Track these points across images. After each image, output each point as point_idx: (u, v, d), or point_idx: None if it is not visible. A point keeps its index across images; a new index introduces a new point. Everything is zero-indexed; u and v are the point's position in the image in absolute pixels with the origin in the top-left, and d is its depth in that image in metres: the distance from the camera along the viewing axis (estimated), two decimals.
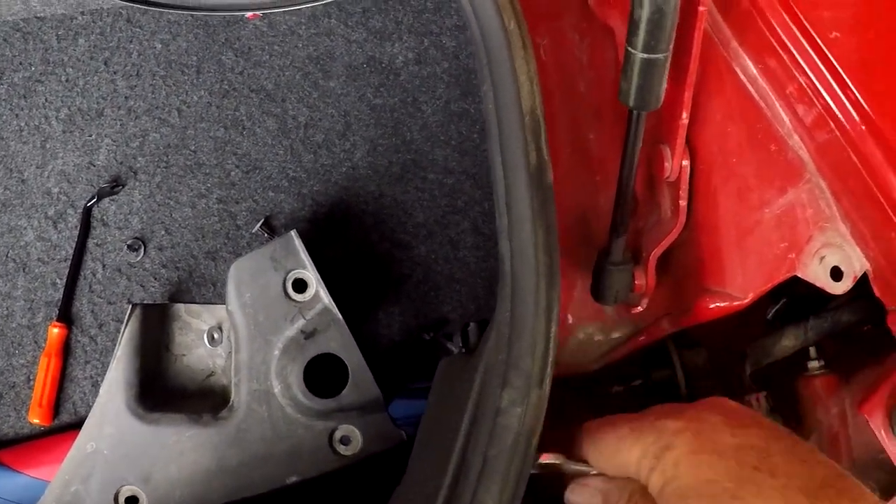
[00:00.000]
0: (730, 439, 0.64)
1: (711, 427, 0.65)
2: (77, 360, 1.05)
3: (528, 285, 0.67)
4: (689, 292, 0.77)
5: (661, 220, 0.76)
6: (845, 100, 0.73)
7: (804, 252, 0.75)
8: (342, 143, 1.08)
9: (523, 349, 0.67)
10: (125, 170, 1.07)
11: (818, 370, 0.83)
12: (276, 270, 0.96)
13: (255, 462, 0.98)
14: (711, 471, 0.62)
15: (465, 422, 0.71)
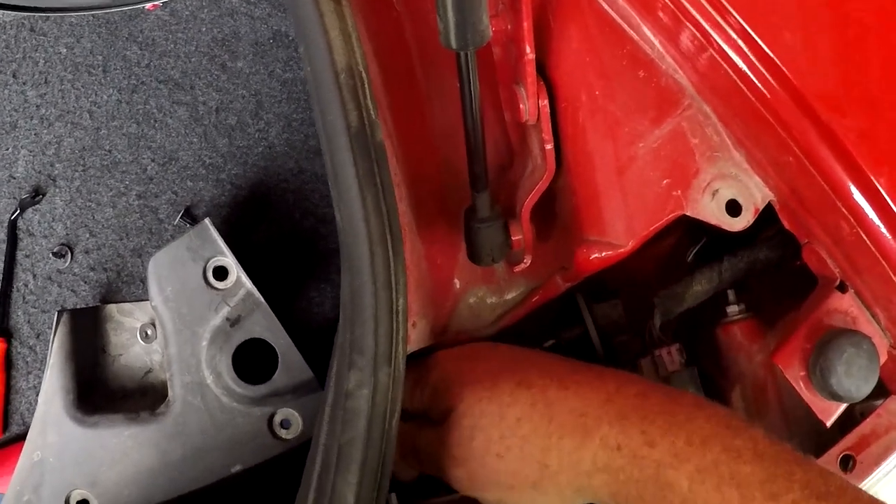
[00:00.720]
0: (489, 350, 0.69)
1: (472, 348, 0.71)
2: (20, 372, 1.04)
3: (362, 256, 0.60)
4: (570, 245, 0.68)
5: (534, 168, 0.68)
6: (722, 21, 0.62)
7: (692, 187, 0.66)
8: (256, 122, 1.02)
9: (365, 327, 0.61)
10: (44, 178, 1.03)
11: (738, 315, 0.73)
12: (194, 261, 0.93)
13: (197, 454, 0.94)
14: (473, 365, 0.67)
15: (328, 409, 0.64)
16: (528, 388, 0.61)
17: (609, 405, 0.58)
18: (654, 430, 0.56)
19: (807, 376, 0.66)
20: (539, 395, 0.60)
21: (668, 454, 0.55)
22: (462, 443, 0.62)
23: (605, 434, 0.57)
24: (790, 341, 0.66)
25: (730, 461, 0.54)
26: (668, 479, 0.54)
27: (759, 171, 0.66)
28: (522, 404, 0.60)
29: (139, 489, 0.94)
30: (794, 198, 0.66)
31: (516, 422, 0.60)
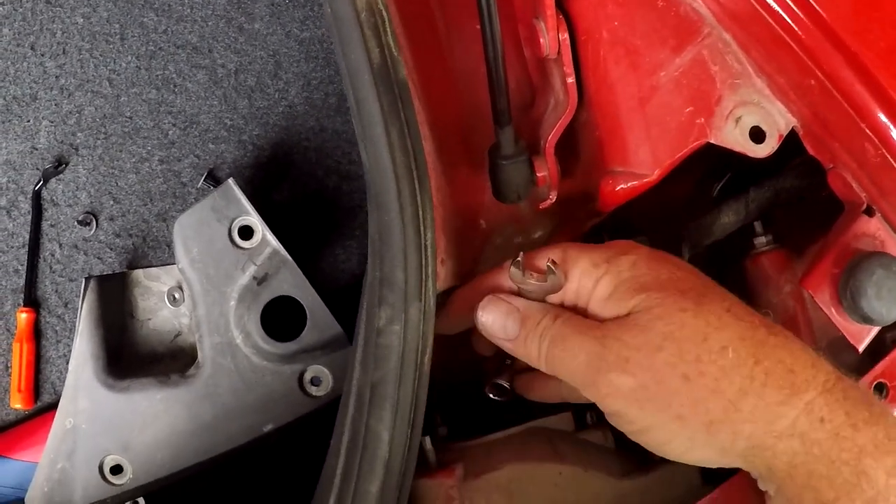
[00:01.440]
0: (683, 263, 0.62)
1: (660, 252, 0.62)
2: (49, 341, 1.06)
3: (389, 190, 0.61)
4: (595, 179, 0.69)
5: (556, 104, 0.69)
6: None
7: (715, 115, 0.67)
8: (275, 83, 1.04)
9: (394, 262, 0.62)
10: (67, 148, 1.05)
11: (766, 246, 0.74)
12: (219, 221, 0.94)
13: (228, 415, 0.96)
14: (673, 273, 0.59)
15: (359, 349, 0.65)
16: (738, 319, 0.56)
17: (815, 371, 0.55)
18: (857, 414, 0.53)
19: (837, 301, 0.67)
20: (749, 331, 0.56)
21: (870, 443, 0.53)
22: (644, 347, 0.56)
23: (811, 400, 0.54)
24: (818, 266, 0.67)
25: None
26: (866, 468, 0.52)
27: (782, 97, 0.67)
28: (731, 333, 0.55)
29: (172, 452, 0.96)
30: (817, 122, 0.67)
31: (720, 349, 0.55)
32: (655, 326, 0.56)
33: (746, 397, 0.54)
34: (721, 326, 0.55)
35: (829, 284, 0.67)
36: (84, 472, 0.97)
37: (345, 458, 0.64)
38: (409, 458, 0.63)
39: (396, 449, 0.61)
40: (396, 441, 0.61)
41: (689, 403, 0.54)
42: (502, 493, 0.72)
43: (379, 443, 0.61)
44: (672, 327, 0.55)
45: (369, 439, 0.62)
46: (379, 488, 0.61)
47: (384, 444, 0.61)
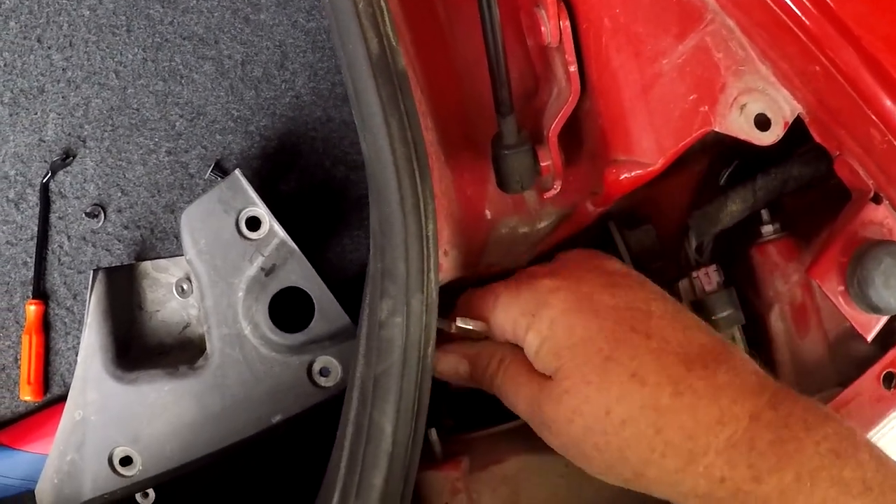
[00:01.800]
0: (608, 299, 0.63)
1: (590, 286, 0.64)
2: (58, 333, 1.07)
3: (389, 183, 0.62)
4: (599, 169, 0.69)
5: (559, 93, 0.69)
6: None
7: (719, 102, 0.67)
8: (282, 73, 1.04)
9: (395, 254, 0.63)
10: (74, 140, 1.06)
11: (773, 234, 0.74)
12: (226, 213, 0.94)
13: (237, 406, 0.97)
14: (586, 331, 0.61)
15: (362, 342, 0.66)
16: (641, 385, 0.58)
17: (719, 429, 0.57)
18: (762, 464, 0.56)
19: (845, 290, 0.67)
20: (650, 398, 0.58)
21: (774, 491, 0.55)
22: (560, 421, 0.61)
23: (710, 463, 0.56)
24: (825, 255, 0.67)
25: (838, 496, 0.54)
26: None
27: (787, 83, 0.67)
28: (631, 404, 0.58)
29: (181, 443, 0.97)
30: (822, 109, 0.67)
31: (621, 423, 0.58)
32: (564, 401, 0.61)
33: (649, 467, 0.58)
34: (622, 397, 0.58)
35: (836, 273, 0.67)
36: (93, 463, 0.98)
37: (349, 451, 0.65)
38: (413, 451, 0.64)
39: (400, 441, 0.62)
40: (400, 434, 0.62)
41: (605, 467, 0.61)
42: (508, 485, 0.73)
43: (383, 436, 0.62)
44: (578, 401, 0.60)
45: (373, 432, 0.63)
46: (383, 481, 0.62)
47: (388, 436, 0.62)
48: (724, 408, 0.57)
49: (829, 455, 0.55)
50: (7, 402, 1.07)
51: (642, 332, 0.60)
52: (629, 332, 0.60)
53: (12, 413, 1.08)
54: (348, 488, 0.64)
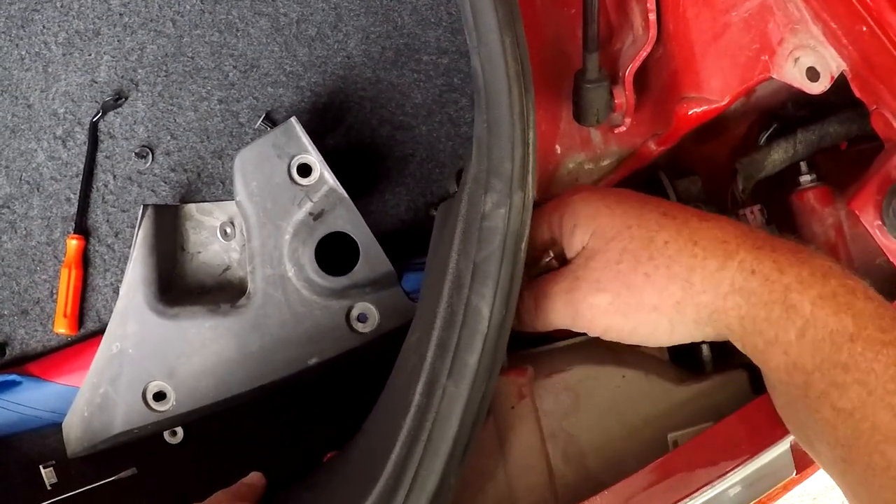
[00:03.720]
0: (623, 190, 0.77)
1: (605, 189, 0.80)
2: (97, 270, 1.15)
3: (501, 90, 0.73)
4: (668, 107, 0.83)
5: (635, 39, 0.83)
6: None
7: (777, 54, 0.82)
8: (335, 34, 1.16)
9: (503, 153, 0.73)
10: (127, 83, 1.16)
11: (811, 183, 0.88)
12: (279, 158, 1.04)
13: (275, 346, 1.05)
14: (618, 196, 0.75)
15: (456, 240, 0.75)
16: (673, 218, 0.71)
17: (746, 237, 0.69)
18: (783, 260, 0.67)
19: (881, 224, 0.82)
20: (683, 224, 0.71)
21: (795, 280, 0.66)
22: (608, 266, 0.72)
23: (743, 258, 0.68)
24: (863, 190, 0.82)
25: (846, 293, 0.65)
26: (793, 301, 0.65)
27: (834, 42, 0.82)
28: (669, 230, 0.70)
29: (216, 380, 1.05)
30: (865, 66, 0.82)
31: (664, 244, 0.70)
32: (610, 246, 0.72)
33: (694, 272, 0.69)
34: (660, 228, 0.71)
35: (872, 207, 0.82)
36: (127, 397, 1.06)
37: (437, 339, 0.72)
38: (503, 335, 0.73)
39: (495, 324, 0.70)
40: (495, 316, 0.70)
41: (656, 294, 0.70)
42: (570, 393, 0.84)
43: (480, 318, 0.70)
44: (623, 242, 0.71)
45: (469, 314, 0.70)
46: (477, 361, 0.70)
47: (485, 319, 0.70)
48: (745, 228, 0.71)
49: (837, 267, 0.68)
50: (39, 335, 1.15)
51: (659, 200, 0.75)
52: (649, 199, 0.75)
53: (44, 346, 1.15)
54: (437, 371, 0.71)
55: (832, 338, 0.64)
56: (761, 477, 0.82)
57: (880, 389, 0.61)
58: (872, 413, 0.61)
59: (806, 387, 0.65)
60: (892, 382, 0.61)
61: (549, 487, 0.82)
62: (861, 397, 0.62)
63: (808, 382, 0.65)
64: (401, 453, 0.73)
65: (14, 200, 1.16)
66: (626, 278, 0.71)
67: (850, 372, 0.63)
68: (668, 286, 0.70)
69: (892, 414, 0.61)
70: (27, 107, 1.17)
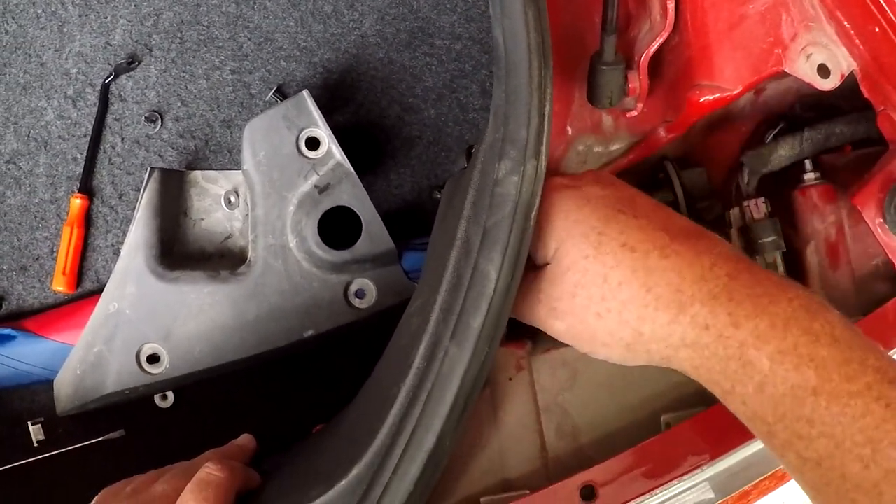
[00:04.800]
0: (598, 191, 0.75)
1: (580, 183, 0.76)
2: (98, 230, 1.16)
3: (521, 61, 0.75)
4: (681, 94, 0.85)
5: (652, 26, 0.85)
6: None
7: (790, 49, 0.84)
8: (351, 13, 1.18)
9: (519, 121, 0.74)
10: (141, 47, 1.17)
11: (814, 180, 0.90)
12: (288, 129, 1.06)
13: (272, 316, 1.07)
14: (580, 213, 0.73)
15: (467, 205, 0.77)
16: (631, 251, 0.69)
17: (702, 283, 0.67)
18: (739, 312, 0.65)
19: (882, 221, 0.84)
20: (640, 261, 0.69)
21: (751, 335, 0.64)
22: (564, 298, 0.72)
23: (696, 313, 0.66)
24: (866, 187, 0.84)
25: (808, 343, 0.63)
26: (750, 357, 0.64)
27: (846, 42, 0.85)
28: (624, 269, 0.69)
29: (211, 346, 1.06)
30: (875, 66, 0.84)
31: (618, 286, 0.69)
32: (566, 278, 0.71)
33: (644, 323, 0.68)
34: (616, 264, 0.70)
35: (874, 204, 0.84)
36: (121, 357, 1.07)
37: (443, 301, 0.73)
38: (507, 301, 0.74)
39: (501, 289, 0.71)
40: (502, 281, 0.71)
41: (607, 334, 0.70)
42: (567, 369, 0.86)
43: (487, 281, 0.71)
44: (578, 275, 0.71)
45: (476, 278, 0.71)
46: (481, 324, 0.70)
47: (491, 282, 0.70)
48: (706, 267, 0.68)
49: (800, 310, 0.64)
50: (37, 291, 1.16)
51: (629, 213, 0.72)
52: (617, 213, 0.72)
53: (41, 304, 1.16)
54: (441, 334, 0.72)
55: (794, 392, 0.62)
56: (750, 465, 0.84)
57: (848, 442, 0.60)
58: (841, 464, 0.60)
59: (769, 435, 0.65)
60: (861, 434, 0.60)
61: (541, 459, 0.84)
62: (828, 449, 0.61)
63: (771, 432, 0.64)
64: (399, 412, 0.74)
65: (21, 157, 1.17)
66: (579, 314, 0.71)
67: (814, 426, 0.61)
68: (618, 330, 0.70)
69: (862, 464, 0.59)
70: (40, 65, 1.18)
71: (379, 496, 0.74)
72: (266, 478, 0.89)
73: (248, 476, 0.86)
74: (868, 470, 0.59)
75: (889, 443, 0.59)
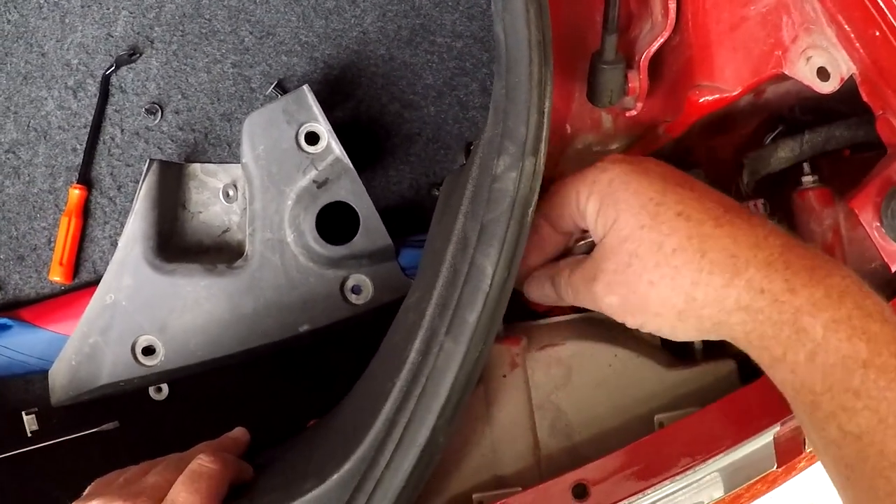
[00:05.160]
0: (656, 167, 0.76)
1: (641, 160, 0.77)
2: (96, 221, 1.16)
3: (521, 57, 0.75)
4: (680, 94, 0.85)
5: (653, 26, 0.85)
6: None
7: (790, 51, 0.84)
8: (352, 9, 1.18)
9: (518, 118, 0.75)
10: (142, 39, 1.18)
11: (812, 184, 0.91)
12: (288, 124, 1.06)
13: (268, 310, 1.07)
14: (639, 184, 0.74)
15: (465, 201, 0.77)
16: (686, 219, 0.70)
17: (757, 250, 0.67)
18: (796, 280, 0.65)
19: (879, 225, 0.84)
20: (695, 228, 0.69)
21: (807, 303, 0.64)
22: (619, 269, 0.72)
23: (751, 277, 0.66)
24: (864, 191, 0.84)
25: (862, 317, 0.63)
26: (804, 324, 0.64)
27: (847, 45, 0.85)
28: (680, 235, 0.69)
29: (206, 339, 1.07)
30: (875, 70, 0.84)
31: (672, 252, 0.69)
32: (623, 248, 0.72)
33: (698, 287, 0.68)
34: (671, 232, 0.70)
35: (872, 208, 0.84)
36: (116, 348, 1.07)
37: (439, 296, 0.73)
38: (503, 297, 0.74)
39: (497, 284, 0.71)
40: (498, 276, 0.71)
41: (659, 302, 0.71)
42: (561, 367, 0.86)
43: (483, 276, 0.71)
44: (634, 245, 0.71)
45: (473, 273, 0.71)
46: (476, 319, 0.71)
47: (488, 277, 0.71)
48: (760, 237, 0.69)
49: (853, 286, 0.65)
50: (34, 282, 1.16)
51: (687, 187, 0.73)
52: (675, 186, 0.73)
53: (37, 294, 1.17)
54: (436, 328, 0.73)
55: (844, 363, 0.63)
56: (741, 467, 0.84)
57: (891, 418, 0.61)
58: (881, 440, 0.61)
59: (813, 406, 0.65)
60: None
61: (534, 457, 0.84)
62: (871, 424, 0.61)
63: (816, 403, 0.65)
64: (393, 407, 0.75)
65: (20, 146, 1.17)
66: (633, 284, 0.72)
67: (860, 398, 0.62)
68: (671, 297, 0.70)
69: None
70: (41, 55, 1.18)
71: (371, 490, 0.74)
72: (259, 471, 0.90)
73: (241, 468, 0.86)
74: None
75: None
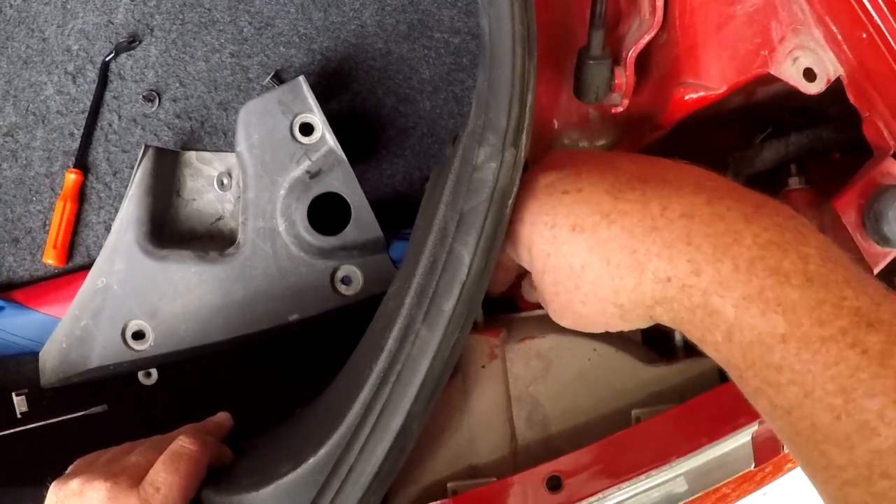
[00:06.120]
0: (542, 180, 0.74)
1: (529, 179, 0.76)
2: (91, 206, 1.18)
3: (505, 50, 0.76)
4: (666, 91, 0.86)
5: (641, 23, 0.86)
6: None
7: (777, 51, 0.85)
8: (351, 2, 1.20)
9: (500, 109, 0.75)
10: (142, 27, 1.19)
11: (798, 185, 0.91)
12: (283, 114, 1.07)
13: (258, 298, 1.08)
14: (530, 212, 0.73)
15: (447, 191, 0.78)
16: (580, 231, 0.68)
17: (655, 234, 0.64)
18: (699, 257, 0.61)
19: (861, 225, 0.85)
20: (591, 237, 0.67)
21: (713, 282, 0.60)
22: (554, 299, 0.73)
23: (655, 268, 0.63)
24: (847, 192, 0.85)
25: (776, 286, 0.58)
26: (715, 306, 0.60)
27: (834, 47, 0.85)
28: (580, 251, 0.68)
29: (196, 325, 1.08)
30: (861, 72, 0.85)
31: (582, 270, 0.68)
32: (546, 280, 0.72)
33: (619, 294, 0.67)
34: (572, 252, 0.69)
35: (855, 210, 0.84)
36: (107, 332, 1.08)
37: (418, 285, 0.75)
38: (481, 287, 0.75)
39: (474, 273, 0.71)
40: (476, 266, 0.71)
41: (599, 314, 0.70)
42: (541, 360, 0.87)
43: (460, 265, 0.71)
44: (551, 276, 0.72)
45: (450, 261, 0.72)
46: (452, 308, 0.71)
47: (465, 266, 0.71)
48: (656, 215, 0.65)
49: (769, 246, 0.60)
50: (28, 264, 1.18)
51: (572, 189, 0.71)
52: (561, 196, 0.71)
53: (31, 276, 1.18)
54: (413, 317, 0.73)
55: (761, 339, 0.59)
56: (718, 466, 0.84)
57: (819, 391, 0.56)
58: (810, 413, 0.57)
59: (741, 381, 0.63)
60: (832, 382, 0.56)
61: (510, 448, 0.85)
62: (798, 398, 0.58)
63: (742, 378, 0.62)
64: (369, 393, 0.76)
65: (18, 130, 1.19)
66: (570, 308, 0.72)
67: (783, 373, 0.58)
68: (605, 308, 0.69)
69: (833, 415, 0.56)
70: (42, 40, 1.20)
71: (345, 474, 0.75)
72: (240, 455, 0.91)
73: (221, 451, 0.87)
74: (839, 421, 0.56)
75: (863, 392, 0.55)
